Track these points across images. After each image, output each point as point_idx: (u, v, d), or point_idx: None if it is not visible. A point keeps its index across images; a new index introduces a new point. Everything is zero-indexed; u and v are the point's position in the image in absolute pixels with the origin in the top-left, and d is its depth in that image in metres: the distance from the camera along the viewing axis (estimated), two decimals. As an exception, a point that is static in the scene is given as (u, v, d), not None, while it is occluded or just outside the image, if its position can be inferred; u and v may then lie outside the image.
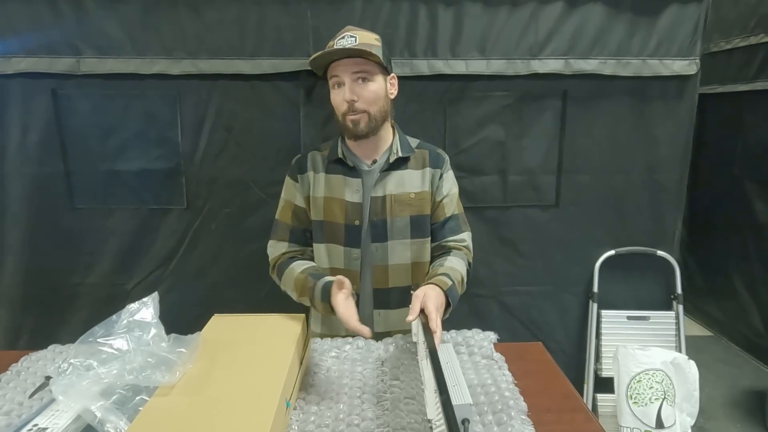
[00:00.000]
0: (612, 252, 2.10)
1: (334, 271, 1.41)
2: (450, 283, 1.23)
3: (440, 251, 1.41)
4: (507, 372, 1.16)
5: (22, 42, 1.80)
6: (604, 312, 2.13)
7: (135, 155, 1.92)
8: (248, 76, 1.85)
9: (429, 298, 1.10)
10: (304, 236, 1.44)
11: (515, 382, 1.12)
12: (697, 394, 1.93)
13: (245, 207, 1.98)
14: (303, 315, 1.21)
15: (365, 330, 1.10)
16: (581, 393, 2.14)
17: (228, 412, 0.85)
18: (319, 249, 1.43)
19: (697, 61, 1.94)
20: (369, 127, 1.31)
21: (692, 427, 1.87)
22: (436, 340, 0.99)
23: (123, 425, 0.86)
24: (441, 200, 1.41)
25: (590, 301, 2.13)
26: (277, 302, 1.45)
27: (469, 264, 1.41)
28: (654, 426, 1.86)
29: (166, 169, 1.93)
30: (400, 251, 1.40)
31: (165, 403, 0.88)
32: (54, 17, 1.78)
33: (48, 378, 1.09)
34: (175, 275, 2.02)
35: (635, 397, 1.91)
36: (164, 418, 0.84)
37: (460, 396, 0.81)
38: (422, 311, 1.08)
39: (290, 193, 1.44)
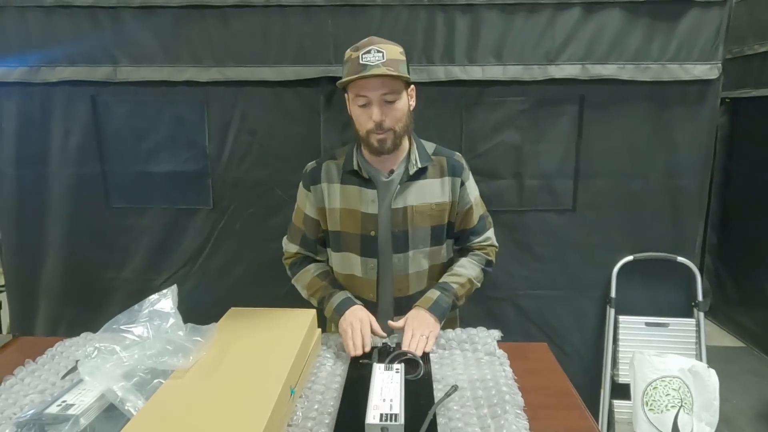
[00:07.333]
0: (630, 257, 2.08)
1: (351, 279, 1.46)
2: (436, 295, 1.37)
3: (464, 253, 1.51)
4: (508, 368, 1.19)
5: (65, 52, 1.94)
6: (621, 317, 2.10)
7: (165, 158, 2.04)
8: (271, 82, 1.94)
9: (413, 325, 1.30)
10: (312, 243, 1.50)
11: (515, 378, 1.15)
12: (717, 403, 1.89)
13: (268, 207, 2.06)
14: (313, 310, 1.28)
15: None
16: (598, 399, 2.13)
17: (235, 394, 0.92)
18: (336, 257, 1.47)
19: (719, 65, 1.90)
20: (394, 144, 1.32)
21: (713, 438, 1.84)
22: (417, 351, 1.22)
23: (141, 404, 0.94)
24: (468, 208, 1.44)
25: (608, 307, 2.11)
26: (297, 300, 1.52)
27: (489, 262, 1.50)
28: (670, 433, 1.84)
29: (194, 171, 2.04)
30: (419, 259, 1.43)
31: (178, 386, 0.96)
32: (94, 29, 1.91)
33: (78, 362, 1.18)
34: (201, 272, 2.12)
35: (651, 404, 1.89)
36: (176, 398, 0.92)
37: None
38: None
39: (302, 201, 1.48)
